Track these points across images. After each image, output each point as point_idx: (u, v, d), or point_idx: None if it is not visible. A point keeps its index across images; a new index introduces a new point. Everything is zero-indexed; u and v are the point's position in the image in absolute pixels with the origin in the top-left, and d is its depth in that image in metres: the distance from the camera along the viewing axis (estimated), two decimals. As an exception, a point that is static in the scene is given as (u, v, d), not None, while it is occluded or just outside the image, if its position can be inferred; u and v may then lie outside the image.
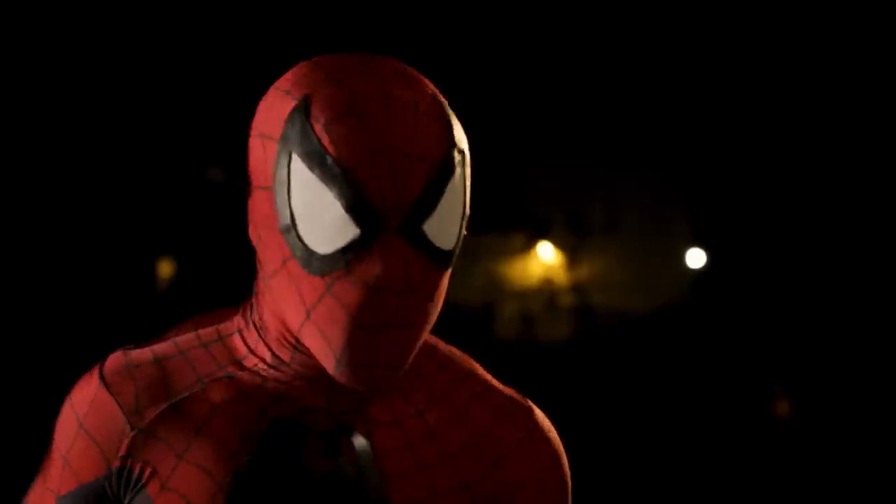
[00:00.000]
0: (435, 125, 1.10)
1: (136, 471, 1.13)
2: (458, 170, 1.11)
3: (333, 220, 1.06)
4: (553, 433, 1.23)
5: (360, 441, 1.13)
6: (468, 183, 1.13)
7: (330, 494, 1.11)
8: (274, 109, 1.11)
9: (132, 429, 1.14)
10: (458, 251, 1.15)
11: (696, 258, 21.34)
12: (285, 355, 1.16)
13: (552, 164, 20.84)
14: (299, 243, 1.08)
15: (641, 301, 19.91)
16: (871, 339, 15.18)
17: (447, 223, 1.11)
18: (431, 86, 1.14)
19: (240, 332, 1.20)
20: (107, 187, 17.50)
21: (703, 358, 16.30)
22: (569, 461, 1.30)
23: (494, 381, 1.26)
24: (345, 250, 1.07)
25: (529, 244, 21.05)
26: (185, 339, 1.20)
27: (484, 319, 20.32)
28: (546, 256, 21.04)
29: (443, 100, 1.14)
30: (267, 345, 1.17)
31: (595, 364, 17.37)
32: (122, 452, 1.14)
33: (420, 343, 1.12)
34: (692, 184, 20.93)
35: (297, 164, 1.07)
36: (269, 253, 1.13)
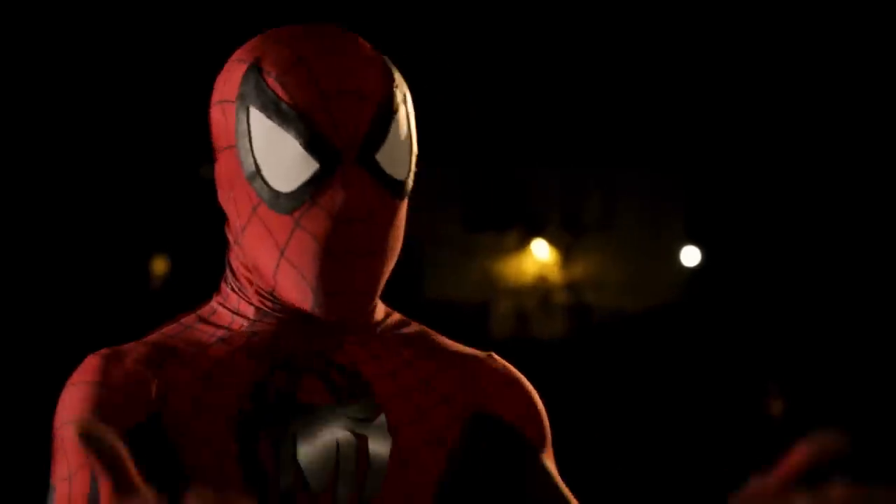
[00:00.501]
0: (376, 69, 1.20)
1: (161, 419, 1.18)
2: (402, 107, 1.21)
3: (294, 158, 1.15)
4: (510, 365, 1.33)
5: (350, 372, 1.22)
6: (412, 122, 1.23)
7: (333, 420, 1.19)
8: (229, 77, 1.21)
9: (155, 377, 1.19)
10: (410, 183, 1.22)
11: (690, 256, 21.36)
12: (268, 305, 1.24)
13: (547, 163, 20.86)
14: (265, 186, 1.17)
15: (636, 298, 19.93)
16: (865, 338, 15.21)
17: (398, 154, 1.19)
18: (369, 44, 1.23)
19: (220, 304, 1.27)
20: (102, 186, 17.51)
21: (698, 356, 16.33)
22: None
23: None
24: (307, 185, 1.16)
25: (524, 242, 21.06)
26: (170, 328, 1.27)
27: (479, 317, 20.34)
28: (541, 254, 21.04)
29: (380, 52, 1.24)
30: (249, 301, 1.24)
31: (590, 361, 17.39)
32: (151, 397, 1.18)
33: (386, 271, 1.21)
34: (687, 182, 20.96)
35: (256, 115, 1.17)
36: (239, 206, 1.20)
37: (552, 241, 21.22)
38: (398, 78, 1.21)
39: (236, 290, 1.25)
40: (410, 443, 1.20)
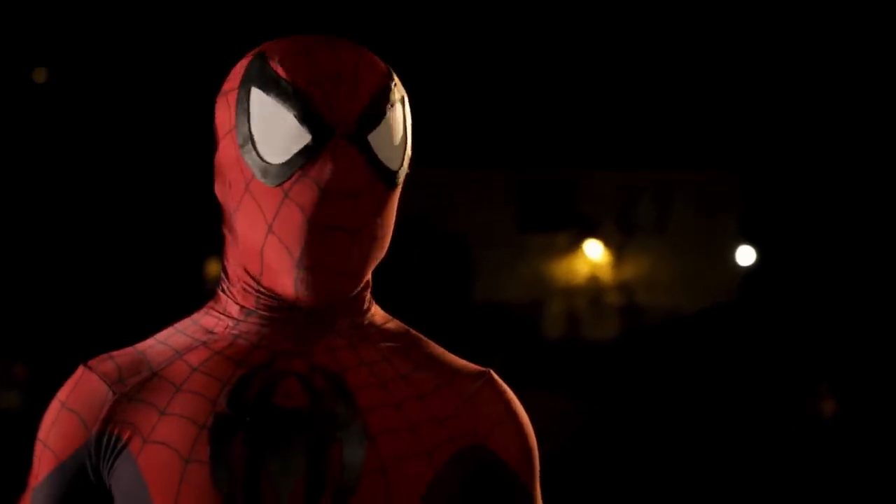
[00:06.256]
0: (375, 68, 1.23)
1: (116, 433, 1.20)
2: (398, 106, 1.23)
3: (288, 130, 1.19)
4: (508, 388, 1.31)
5: (333, 377, 1.21)
6: (408, 127, 1.26)
7: (308, 425, 1.19)
8: (237, 69, 1.25)
9: (114, 394, 1.22)
10: (400, 179, 1.24)
11: (745, 256, 21.21)
12: (250, 302, 1.24)
13: (600, 164, 20.81)
14: (258, 159, 1.20)
15: (689, 299, 19.82)
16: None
17: (390, 145, 1.22)
18: (374, 55, 1.26)
19: (210, 307, 1.29)
20: (158, 190, 17.67)
21: (751, 356, 16.23)
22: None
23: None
24: (299, 156, 1.18)
25: (576, 242, 21.01)
26: (163, 333, 1.29)
27: (530, 317, 20.30)
28: (593, 254, 20.99)
29: (385, 63, 1.26)
30: (235, 300, 1.26)
31: (642, 362, 17.33)
32: (102, 416, 1.21)
33: (371, 257, 1.21)
34: (742, 181, 20.85)
35: (256, 93, 1.21)
36: (233, 188, 1.23)
37: (605, 241, 21.15)
38: (398, 83, 1.25)
39: (225, 290, 1.27)
40: (391, 452, 1.19)
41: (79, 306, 16.14)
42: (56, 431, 1.23)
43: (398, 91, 1.24)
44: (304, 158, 1.17)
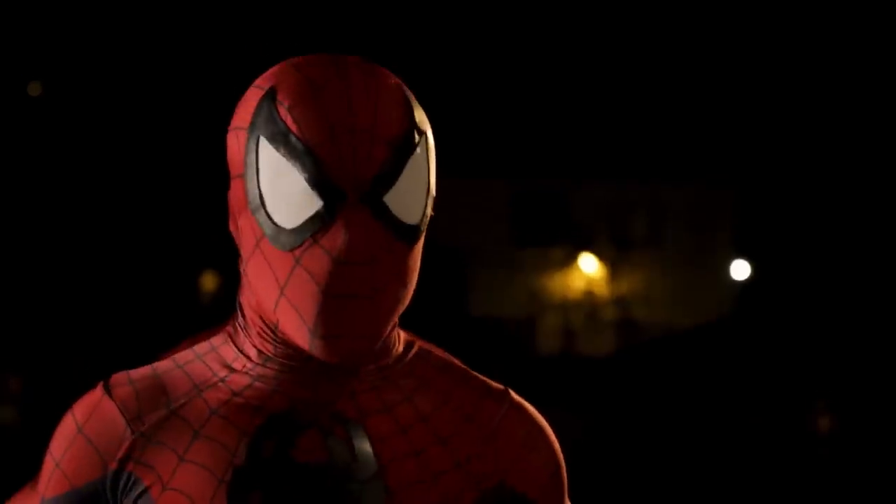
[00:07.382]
0: (395, 107, 1.14)
1: (136, 474, 1.17)
2: (419, 149, 1.15)
3: (298, 194, 1.12)
4: (533, 409, 1.26)
5: (353, 428, 1.17)
6: (432, 164, 1.18)
7: (327, 482, 1.14)
8: (246, 104, 1.18)
9: (132, 433, 1.18)
10: (423, 228, 1.17)
11: (740, 270, 21.21)
12: (268, 349, 1.19)
13: (595, 178, 20.82)
14: (268, 221, 1.13)
15: (685, 313, 19.81)
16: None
17: (410, 198, 1.15)
18: (394, 77, 1.19)
19: (230, 337, 1.23)
20: (152, 203, 17.67)
21: (748, 371, 16.23)
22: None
23: (471, 371, 1.29)
24: (310, 222, 1.11)
25: (571, 257, 21.00)
26: (182, 354, 1.24)
27: (526, 332, 20.28)
28: (588, 269, 20.98)
29: (405, 88, 1.18)
30: (252, 343, 1.21)
31: (638, 377, 17.32)
32: (120, 455, 1.17)
33: (391, 315, 1.15)
34: (736, 195, 20.87)
35: (265, 146, 1.13)
36: (244, 238, 1.17)
37: (600, 255, 21.15)
38: (419, 116, 1.16)
39: (242, 328, 1.21)
40: None
41: (73, 319, 16.09)
42: (70, 456, 1.20)
43: (419, 130, 1.16)
44: (316, 226, 1.11)
